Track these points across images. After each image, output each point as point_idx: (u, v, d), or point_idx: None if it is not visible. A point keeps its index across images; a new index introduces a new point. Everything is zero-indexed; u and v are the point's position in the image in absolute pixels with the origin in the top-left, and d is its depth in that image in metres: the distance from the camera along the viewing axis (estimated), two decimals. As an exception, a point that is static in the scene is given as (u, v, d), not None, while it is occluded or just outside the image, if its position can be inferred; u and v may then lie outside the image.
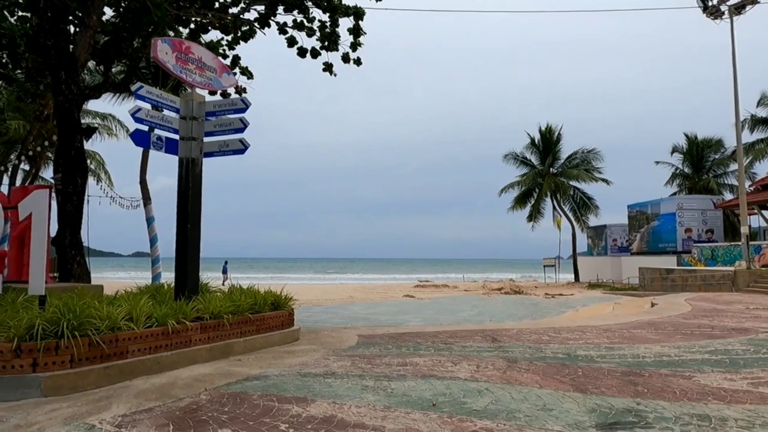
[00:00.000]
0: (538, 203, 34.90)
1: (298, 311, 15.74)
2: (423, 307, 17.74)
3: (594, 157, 34.06)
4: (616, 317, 11.13)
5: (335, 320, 13.41)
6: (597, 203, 34.14)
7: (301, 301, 19.56)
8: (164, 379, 5.06)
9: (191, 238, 6.21)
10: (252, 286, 7.72)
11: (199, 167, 6.32)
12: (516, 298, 21.93)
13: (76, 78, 8.01)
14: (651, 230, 28.81)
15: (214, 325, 6.02)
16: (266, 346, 6.69)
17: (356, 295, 23.52)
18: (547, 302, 19.90)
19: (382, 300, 20.79)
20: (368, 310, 16.18)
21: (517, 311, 16.18)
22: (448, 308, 17.09)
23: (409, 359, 6.00)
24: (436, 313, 15.33)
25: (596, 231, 35.60)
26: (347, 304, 18.70)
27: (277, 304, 7.27)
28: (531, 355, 6.33)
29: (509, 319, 13.90)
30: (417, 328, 9.02)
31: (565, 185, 33.46)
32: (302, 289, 29.37)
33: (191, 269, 6.24)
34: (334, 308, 16.88)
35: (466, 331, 8.41)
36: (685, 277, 21.88)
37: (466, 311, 16.20)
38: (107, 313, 5.07)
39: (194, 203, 6.25)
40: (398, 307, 17.62)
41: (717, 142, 37.53)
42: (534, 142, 35.00)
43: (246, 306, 6.57)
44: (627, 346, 7.00)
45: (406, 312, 15.78)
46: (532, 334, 8.08)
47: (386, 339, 7.55)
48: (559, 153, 34.62)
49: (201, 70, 6.37)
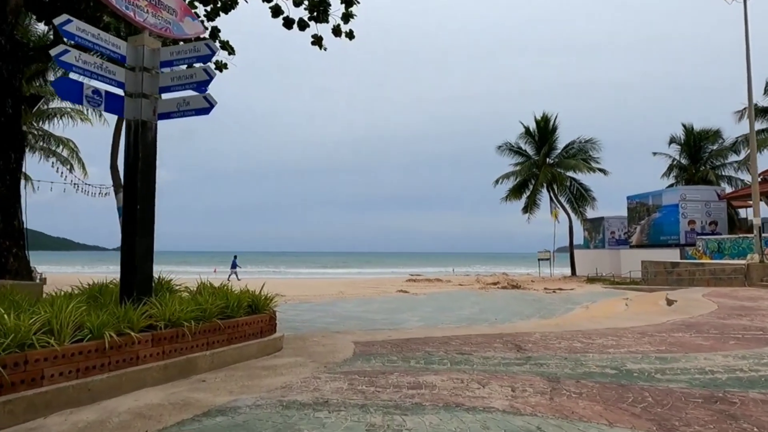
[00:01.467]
0: (534, 194, 33.81)
1: (284, 309, 14.35)
2: (419, 303, 16.48)
3: (592, 146, 33.06)
4: (639, 317, 9.95)
5: (326, 320, 12.09)
6: (594, 194, 33.12)
7: (287, 298, 18.18)
8: (94, 413, 3.69)
9: (142, 222, 4.83)
10: (225, 284, 6.36)
11: (152, 133, 4.93)
12: (516, 294, 20.78)
13: (4, 26, 6.53)
14: (652, 222, 27.85)
15: (170, 336, 4.66)
16: (240, 359, 5.35)
17: (347, 291, 22.20)
18: (550, 298, 18.77)
19: (375, 296, 19.50)
20: (361, 308, 14.88)
21: (521, 308, 14.99)
22: (447, 305, 15.85)
23: (423, 378, 4.70)
24: (434, 311, 14.08)
25: (593, 223, 34.62)
26: (338, 300, 17.37)
27: (255, 307, 5.92)
28: (573, 371, 5.07)
29: (516, 318, 12.70)
30: (422, 332, 7.72)
31: (561, 176, 32.39)
32: (288, 285, 27.97)
33: (141, 263, 4.86)
34: (324, 306, 15.55)
35: (481, 337, 7.14)
36: (692, 270, 20.89)
37: (467, 308, 14.98)
38: (14, 325, 3.69)
39: (146, 178, 4.87)
40: (393, 303, 16.33)
41: (715, 132, 36.73)
42: (529, 132, 33.85)
43: (215, 310, 5.21)
44: (682, 357, 5.77)
45: (402, 309, 14.50)
46: (560, 340, 6.83)
47: (388, 347, 6.25)
48: (556, 143, 33.54)
49: (156, 9, 4.96)
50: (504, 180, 33.73)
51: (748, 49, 18.59)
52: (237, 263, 32.85)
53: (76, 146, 29.66)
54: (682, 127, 37.47)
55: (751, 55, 18.72)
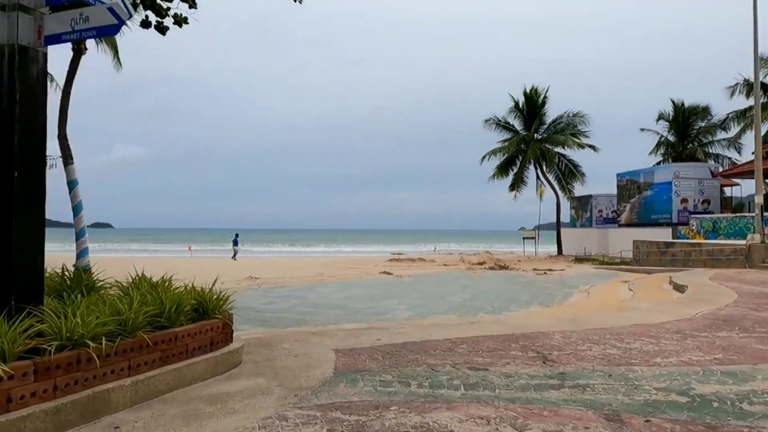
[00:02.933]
0: (522, 171, 32.65)
1: (256, 296, 12.90)
2: (405, 287, 15.20)
3: (580, 120, 31.88)
4: (659, 308, 8.81)
5: (301, 310, 10.70)
6: (583, 170, 32.11)
7: (261, 281, 16.73)
8: None
9: (22, 196, 3.31)
10: (175, 288, 4.88)
11: (38, 65, 3.36)
12: (505, 276, 19.68)
13: None
14: (643, 200, 26.98)
15: (68, 362, 3.21)
16: (180, 384, 3.92)
17: (327, 272, 20.81)
18: (543, 280, 17.69)
19: (357, 278, 18.16)
20: (342, 293, 13.52)
21: (516, 294, 13.82)
22: (435, 289, 14.61)
23: (433, 416, 3.35)
24: (423, 297, 12.81)
25: (580, 201, 33.73)
26: (316, 284, 15.98)
27: (203, 310, 4.47)
28: (630, 398, 3.77)
29: (514, 306, 11.50)
30: (417, 332, 6.37)
31: (551, 152, 31.23)
32: (265, 265, 26.49)
33: (22, 255, 3.36)
34: (301, 290, 14.15)
35: (490, 340, 5.82)
36: (687, 251, 20.04)
37: (458, 293, 13.75)
38: None
39: (27, 132, 3.33)
40: (377, 288, 15.01)
41: (704, 109, 35.95)
42: (518, 106, 32.48)
43: (141, 319, 3.75)
44: (755, 371, 4.54)
45: (387, 295, 13.19)
46: (588, 344, 5.56)
47: (379, 358, 4.89)
48: (545, 117, 32.27)
49: None
50: (491, 157, 32.46)
51: (756, 12, 17.39)
52: (238, 241, 30.99)
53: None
54: (671, 103, 36.62)
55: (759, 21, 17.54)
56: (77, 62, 16.39)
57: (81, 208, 15.71)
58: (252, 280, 17.02)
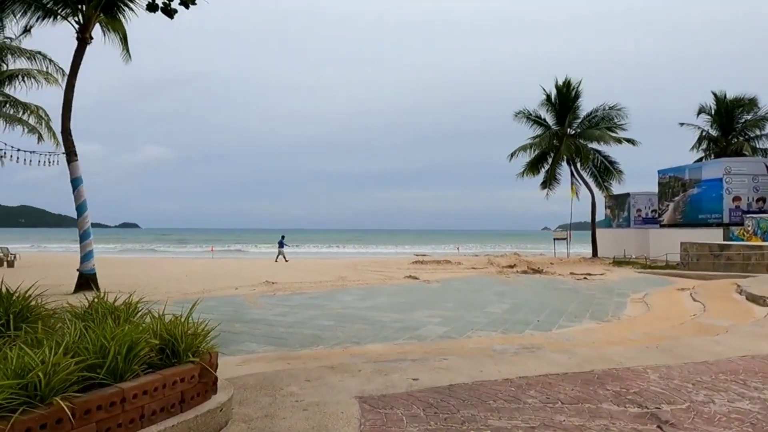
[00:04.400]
0: (554, 168, 30.75)
1: (270, 304, 11.61)
2: (435, 295, 13.76)
3: (617, 114, 29.83)
4: (757, 330, 7.21)
5: (320, 324, 9.37)
6: (621, 167, 30.07)
7: (278, 286, 15.49)
8: None
9: None
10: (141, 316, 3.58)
11: None
12: (542, 281, 18.05)
13: None
14: (689, 198, 24.93)
15: None
16: (126, 473, 2.59)
17: (348, 276, 19.48)
18: (585, 286, 16.04)
19: (381, 283, 16.78)
20: (365, 302, 12.15)
21: (561, 303, 12.25)
22: (469, 298, 13.13)
23: None
24: (457, 307, 11.35)
25: (617, 200, 31.72)
26: (337, 290, 14.66)
27: (172, 351, 3.15)
28: None
29: (563, 319, 9.97)
30: (466, 368, 4.95)
31: (585, 148, 29.30)
32: (284, 266, 25.34)
33: None
34: (320, 298, 12.84)
35: (564, 379, 4.37)
36: (746, 255, 18.11)
37: (495, 302, 12.25)
38: None
39: None
40: (403, 295, 13.61)
41: (750, 100, 33.50)
42: (550, 99, 30.59)
43: (62, 377, 2.43)
44: None
45: (416, 305, 11.78)
46: (704, 391, 4.07)
47: (420, 415, 3.49)
48: (579, 111, 30.32)
49: None
50: (520, 153, 30.67)
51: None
52: (284, 242, 29.95)
53: (46, 114, 26.60)
54: (713, 95, 34.27)
55: None
56: (82, 52, 15.43)
57: (85, 208, 14.72)
58: (268, 285, 15.80)
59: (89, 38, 14.68)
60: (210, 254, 46.03)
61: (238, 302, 12.05)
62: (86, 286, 13.83)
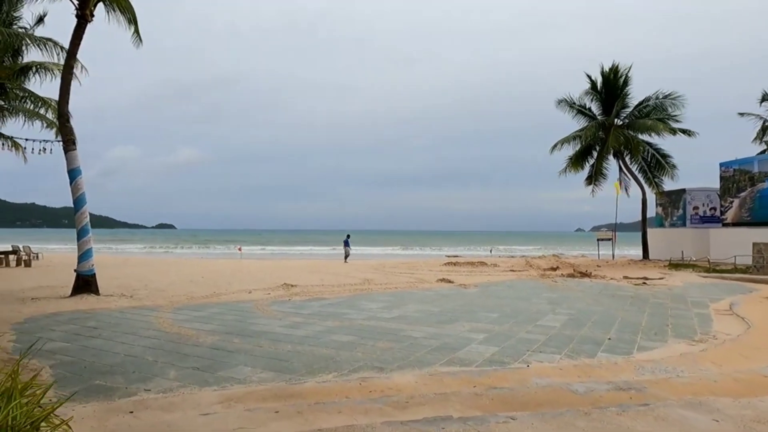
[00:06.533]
0: (600, 162, 28.24)
1: (282, 312, 9.84)
2: (474, 302, 11.83)
3: (672, 103, 27.12)
4: None
5: (338, 340, 7.62)
6: (675, 161, 27.33)
7: (296, 291, 13.83)
8: None
9: None
10: None
11: None
12: (594, 285, 15.86)
13: None
14: (758, 194, 22.16)
15: None
16: None
17: (374, 279, 17.72)
18: (649, 293, 13.80)
19: (411, 288, 14.94)
20: (393, 311, 10.33)
21: (629, 314, 10.16)
22: (516, 306, 11.15)
23: None
24: (504, 319, 9.41)
25: (670, 197, 28.95)
26: (360, 296, 12.91)
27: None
28: None
29: (641, 337, 7.92)
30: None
31: (636, 140, 26.70)
32: (307, 267, 23.76)
33: None
34: (340, 306, 11.10)
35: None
36: (840, 257, 15.48)
37: (547, 312, 10.25)
38: None
39: None
40: (437, 303, 11.75)
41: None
42: (595, 87, 28.09)
43: None
44: None
45: (453, 315, 9.90)
46: None
47: None
48: (628, 100, 27.73)
49: None
50: (562, 145, 28.25)
51: None
52: (349, 242, 28.79)
53: (67, 109, 25.71)
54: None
55: None
56: (81, 31, 14.07)
57: (84, 202, 13.33)
58: (286, 288, 14.17)
59: (89, 16, 13.38)
60: (238, 254, 45.11)
61: (245, 309, 10.42)
62: (85, 289, 12.48)
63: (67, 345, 7.15)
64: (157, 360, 6.32)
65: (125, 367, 5.98)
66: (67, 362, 6.22)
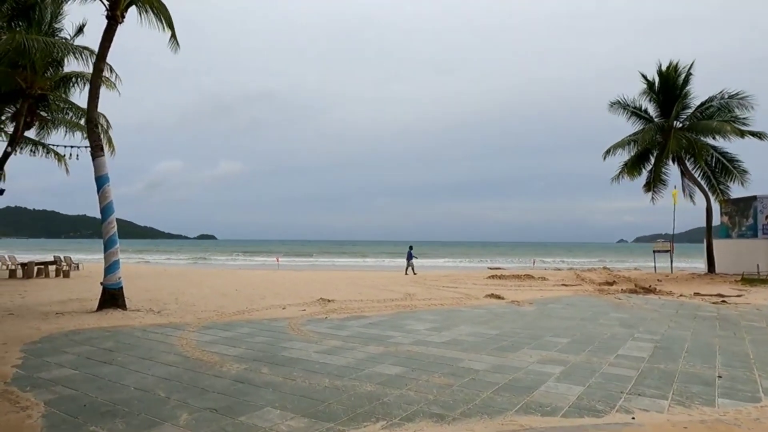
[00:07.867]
0: (659, 167, 26.18)
1: (318, 334, 8.51)
2: (535, 324, 10.41)
3: (739, 104, 24.87)
4: None
5: (380, 372, 6.44)
6: (744, 166, 25.01)
7: (334, 306, 12.74)
8: None
9: None
10: None
11: None
12: (667, 304, 14.12)
13: None
14: None
15: None
16: None
17: (416, 293, 16.48)
18: (735, 314, 12.02)
19: (458, 304, 13.62)
20: (443, 335, 9.06)
21: (727, 343, 8.54)
22: (585, 329, 9.68)
23: None
24: (577, 346, 8.00)
25: (737, 205, 26.55)
26: (404, 314, 11.70)
27: None
28: None
29: (760, 375, 6.38)
30: None
31: (699, 143, 24.57)
32: (347, 279, 22.72)
33: None
34: (382, 326, 9.92)
35: None
36: None
37: (625, 338, 8.75)
38: None
39: None
40: (492, 323, 10.40)
41: None
42: (652, 87, 26.15)
43: None
44: None
45: (515, 341, 8.54)
46: None
47: None
48: (689, 100, 25.65)
49: None
50: (616, 150, 26.34)
51: None
52: (413, 254, 28.16)
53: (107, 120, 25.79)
54: None
55: None
56: (112, 33, 13.52)
57: (112, 211, 12.64)
58: (323, 304, 13.11)
59: (120, 17, 12.86)
60: (275, 265, 44.72)
61: (278, 329, 9.38)
62: (111, 303, 11.76)
63: (74, 373, 6.24)
64: (169, 396, 5.29)
65: (131, 406, 4.97)
66: (66, 397, 5.28)
